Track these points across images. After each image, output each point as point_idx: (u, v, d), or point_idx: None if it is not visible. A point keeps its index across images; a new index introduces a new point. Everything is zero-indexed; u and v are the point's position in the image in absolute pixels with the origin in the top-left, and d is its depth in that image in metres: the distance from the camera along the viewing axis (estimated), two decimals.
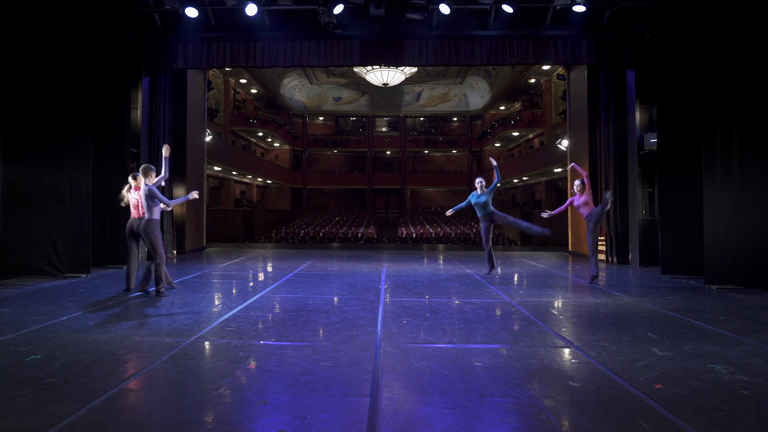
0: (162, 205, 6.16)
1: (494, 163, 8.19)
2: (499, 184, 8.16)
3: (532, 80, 27.29)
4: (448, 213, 8.62)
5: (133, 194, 6.39)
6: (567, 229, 13.10)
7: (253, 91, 30.36)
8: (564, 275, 8.53)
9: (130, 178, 6.55)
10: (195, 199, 6.37)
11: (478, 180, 8.37)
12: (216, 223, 23.41)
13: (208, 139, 14.31)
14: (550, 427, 2.50)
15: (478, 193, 8.22)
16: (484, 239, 8.31)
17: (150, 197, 5.98)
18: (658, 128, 8.61)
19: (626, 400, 2.84)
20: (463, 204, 8.44)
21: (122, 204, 6.52)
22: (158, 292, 6.06)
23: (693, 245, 7.90)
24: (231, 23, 10.59)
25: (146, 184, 6.02)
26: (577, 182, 7.44)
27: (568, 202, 7.72)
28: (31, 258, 7.60)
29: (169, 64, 10.81)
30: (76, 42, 7.94)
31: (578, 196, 7.41)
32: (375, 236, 27.03)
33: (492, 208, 8.17)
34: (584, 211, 7.32)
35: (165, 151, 6.57)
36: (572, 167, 7.37)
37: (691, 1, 7.81)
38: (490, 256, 8.36)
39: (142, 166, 6.13)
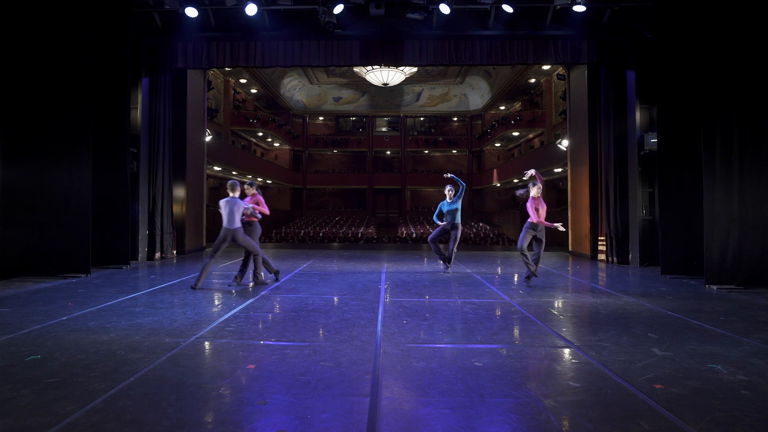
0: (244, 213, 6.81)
1: (448, 175, 8.55)
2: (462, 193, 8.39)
3: (532, 80, 27.28)
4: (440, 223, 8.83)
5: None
6: (567, 229, 13.10)
7: (253, 91, 30.34)
8: (564, 275, 8.53)
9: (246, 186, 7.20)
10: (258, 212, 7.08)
11: (447, 188, 8.58)
12: (216, 223, 23.29)
13: (208, 139, 14.31)
14: (550, 427, 2.50)
15: (448, 201, 8.46)
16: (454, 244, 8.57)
17: (238, 206, 6.61)
18: (658, 128, 8.61)
19: (626, 400, 2.84)
20: (436, 213, 8.69)
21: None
22: (256, 278, 7.03)
23: (693, 245, 7.90)
24: (231, 23, 10.59)
25: (233, 197, 6.59)
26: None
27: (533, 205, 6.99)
28: (31, 258, 7.60)
29: (169, 64, 10.81)
30: (76, 42, 7.94)
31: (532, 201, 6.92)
32: (375, 236, 27.01)
33: (459, 220, 8.45)
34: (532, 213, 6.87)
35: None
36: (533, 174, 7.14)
37: (691, 2, 7.81)
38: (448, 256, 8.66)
39: (229, 181, 6.63)
